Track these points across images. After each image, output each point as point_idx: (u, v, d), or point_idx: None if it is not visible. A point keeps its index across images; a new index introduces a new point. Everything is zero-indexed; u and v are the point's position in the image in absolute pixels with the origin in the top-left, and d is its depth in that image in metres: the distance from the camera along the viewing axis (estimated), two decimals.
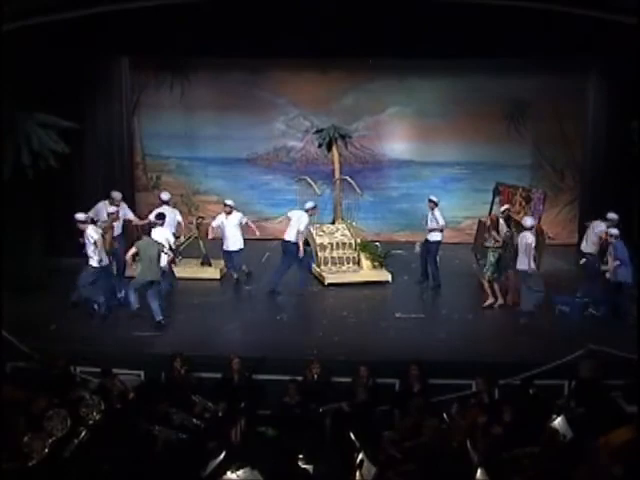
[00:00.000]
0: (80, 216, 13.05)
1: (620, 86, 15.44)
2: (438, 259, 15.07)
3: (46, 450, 7.83)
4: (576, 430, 8.35)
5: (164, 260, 13.31)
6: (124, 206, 14.76)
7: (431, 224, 14.86)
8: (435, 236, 14.89)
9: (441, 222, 14.81)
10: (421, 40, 14.12)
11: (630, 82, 14.56)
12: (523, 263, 12.98)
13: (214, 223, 15.17)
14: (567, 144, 18.40)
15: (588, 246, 13.96)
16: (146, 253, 12.82)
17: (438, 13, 13.15)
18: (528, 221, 13.17)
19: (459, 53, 15.07)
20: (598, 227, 13.70)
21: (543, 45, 13.93)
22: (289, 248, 14.63)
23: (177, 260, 15.67)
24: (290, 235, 14.61)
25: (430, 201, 14.95)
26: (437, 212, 14.84)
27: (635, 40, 12.54)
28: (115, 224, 14.08)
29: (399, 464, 7.97)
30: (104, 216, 14.04)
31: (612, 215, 13.54)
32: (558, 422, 8.53)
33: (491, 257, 13.92)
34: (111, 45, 14.49)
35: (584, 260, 14.01)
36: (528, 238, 12.90)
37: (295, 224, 14.59)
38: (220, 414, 9.87)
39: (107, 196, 14.63)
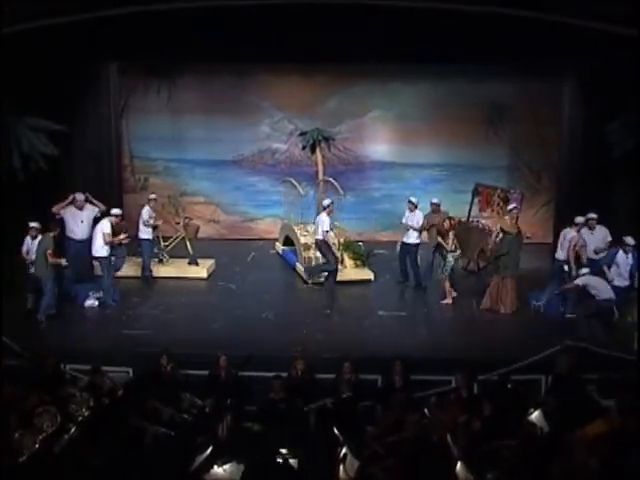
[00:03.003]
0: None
1: (595, 90, 15.50)
2: (419, 259, 15.09)
3: (36, 446, 7.79)
4: (553, 424, 8.38)
5: None
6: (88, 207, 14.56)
7: (409, 223, 14.86)
8: (412, 238, 14.88)
9: (418, 224, 14.79)
10: (403, 46, 14.15)
11: (605, 86, 14.66)
12: None
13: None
14: (544, 147, 18.53)
15: (562, 253, 14.00)
16: None
17: (420, 20, 13.17)
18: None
19: (441, 59, 15.15)
20: (569, 234, 13.75)
21: (523, 50, 14.02)
22: None
23: (164, 260, 15.69)
24: None
25: (410, 202, 14.93)
26: (417, 213, 14.82)
27: (612, 45, 12.67)
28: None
29: (382, 458, 7.97)
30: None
31: (591, 214, 13.55)
32: (535, 416, 8.55)
33: (450, 259, 14.12)
34: (100, 51, 14.46)
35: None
36: None
37: None
38: (207, 410, 9.85)
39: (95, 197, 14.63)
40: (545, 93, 17.97)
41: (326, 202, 14.69)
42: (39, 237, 13.04)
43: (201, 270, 15.66)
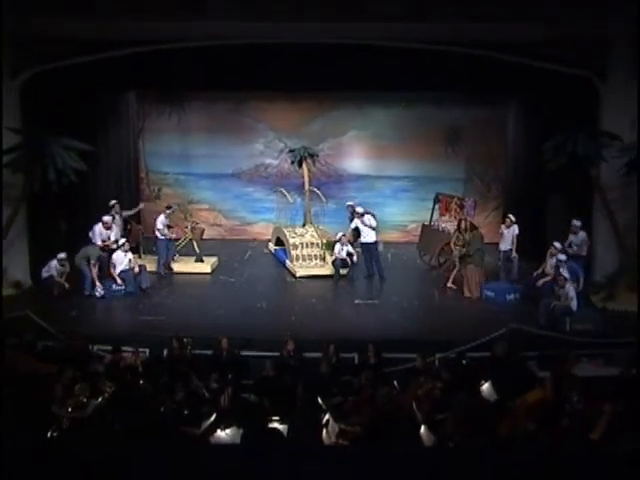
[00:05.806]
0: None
1: (534, 115, 15.77)
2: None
3: (71, 411, 7.99)
4: (500, 393, 8.53)
5: None
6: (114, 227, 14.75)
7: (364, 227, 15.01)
8: (367, 238, 14.99)
9: (373, 223, 14.97)
10: (376, 76, 14.38)
11: (542, 112, 14.92)
12: None
13: None
14: (493, 162, 18.64)
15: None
16: None
17: (391, 55, 13.47)
18: None
19: (410, 87, 15.65)
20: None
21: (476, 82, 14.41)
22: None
23: (175, 258, 15.76)
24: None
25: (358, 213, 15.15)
26: (366, 218, 15.01)
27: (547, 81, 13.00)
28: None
29: (357, 423, 8.10)
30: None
31: (576, 222, 13.65)
32: (486, 387, 8.70)
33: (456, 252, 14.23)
34: (120, 82, 14.62)
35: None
36: None
37: None
38: (211, 384, 9.94)
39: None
40: (494, 118, 18.19)
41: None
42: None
43: (206, 266, 15.68)
